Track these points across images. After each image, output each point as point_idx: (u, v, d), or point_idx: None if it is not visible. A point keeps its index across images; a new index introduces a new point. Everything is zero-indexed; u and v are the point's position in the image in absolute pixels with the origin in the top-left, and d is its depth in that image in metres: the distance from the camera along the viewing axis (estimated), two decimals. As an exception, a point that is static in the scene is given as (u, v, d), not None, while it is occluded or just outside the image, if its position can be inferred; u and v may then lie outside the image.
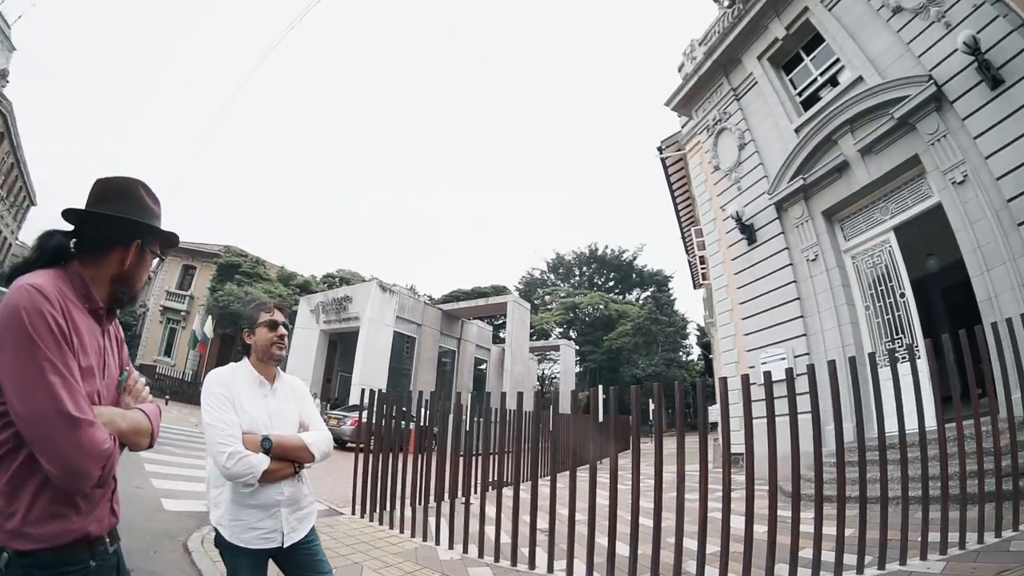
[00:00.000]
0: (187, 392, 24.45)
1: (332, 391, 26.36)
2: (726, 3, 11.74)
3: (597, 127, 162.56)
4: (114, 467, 1.41)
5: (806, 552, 3.78)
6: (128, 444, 1.49)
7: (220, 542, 2.19)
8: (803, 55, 10.54)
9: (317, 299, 25.31)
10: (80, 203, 1.53)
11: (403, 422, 6.87)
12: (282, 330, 2.43)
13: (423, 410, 6.87)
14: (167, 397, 22.79)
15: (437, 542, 5.34)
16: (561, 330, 50.91)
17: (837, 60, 9.66)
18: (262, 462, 2.11)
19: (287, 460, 2.22)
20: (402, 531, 5.73)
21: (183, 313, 32.12)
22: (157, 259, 1.72)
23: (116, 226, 1.52)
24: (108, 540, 1.48)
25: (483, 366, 33.28)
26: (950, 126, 7.51)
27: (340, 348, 26.84)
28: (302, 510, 2.32)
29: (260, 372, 2.37)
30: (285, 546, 2.22)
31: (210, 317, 25.49)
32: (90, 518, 1.40)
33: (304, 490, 2.36)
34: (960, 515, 4.07)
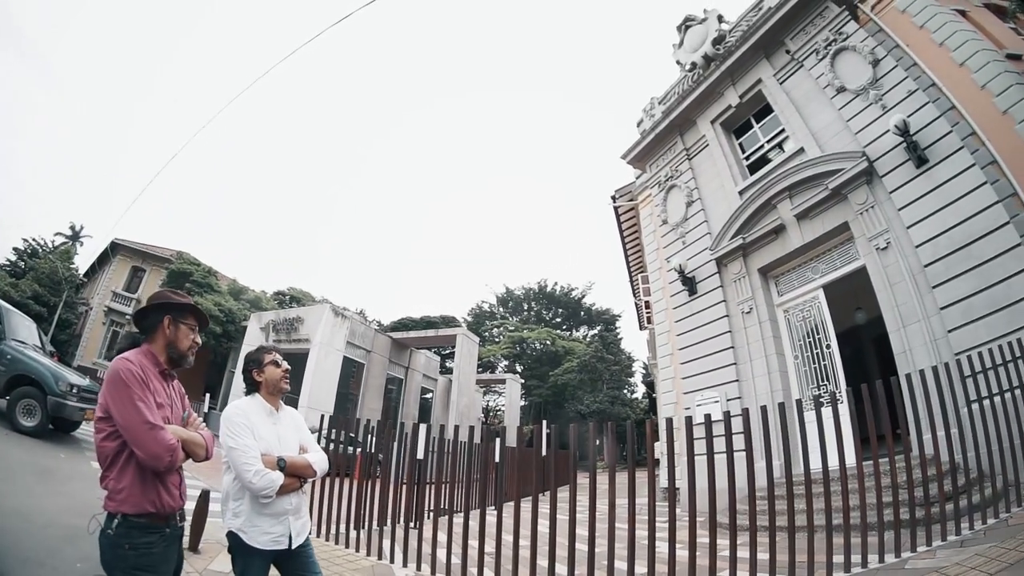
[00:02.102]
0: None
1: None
2: (688, 67, 12.51)
3: (550, 165, 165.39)
4: (178, 459, 2.23)
5: (724, 573, 4.29)
6: (190, 453, 2.32)
7: (237, 546, 2.58)
8: (753, 122, 11.41)
9: (268, 317, 25.03)
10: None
11: (357, 448, 7.17)
12: (286, 365, 2.99)
13: (371, 437, 7.16)
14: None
15: (392, 560, 5.64)
16: (507, 363, 51.13)
17: (783, 130, 10.51)
18: (279, 478, 2.59)
19: (295, 476, 2.69)
20: (357, 550, 5.99)
21: (128, 317, 29.90)
22: (196, 328, 2.57)
23: (151, 314, 2.44)
24: (178, 517, 2.34)
25: (429, 395, 33.34)
26: (878, 198, 8.36)
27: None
28: (302, 518, 2.78)
29: (269, 403, 2.87)
30: (293, 547, 2.66)
31: None
32: (168, 497, 2.24)
33: (304, 501, 2.85)
34: (862, 539, 4.62)
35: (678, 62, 12.91)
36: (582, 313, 59.75)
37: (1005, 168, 7.41)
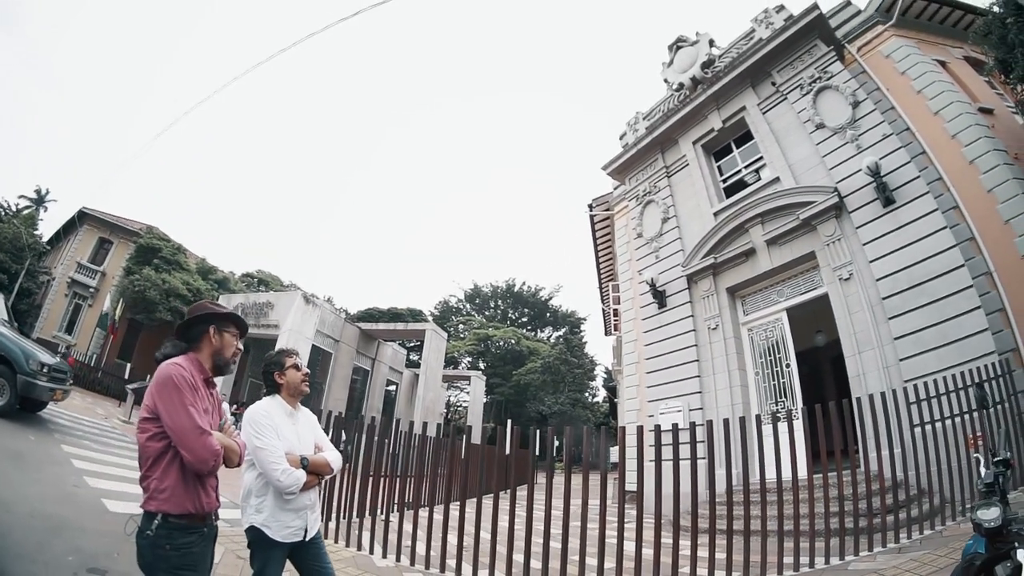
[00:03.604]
0: (88, 378, 21.73)
1: (241, 395, 25.45)
2: (675, 87, 12.96)
3: (524, 168, 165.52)
4: (220, 464, 2.31)
5: (685, 569, 4.69)
6: (225, 459, 2.38)
7: (259, 540, 2.73)
8: (733, 147, 11.89)
9: (238, 300, 24.67)
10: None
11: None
12: (306, 369, 3.18)
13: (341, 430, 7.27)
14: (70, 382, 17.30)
15: (371, 551, 5.87)
16: (471, 359, 51.25)
17: (761, 158, 11.03)
18: (304, 476, 2.78)
19: (315, 474, 2.90)
20: (336, 541, 6.17)
21: (92, 290, 29.05)
22: (238, 336, 2.67)
23: (197, 324, 2.53)
24: (213, 516, 2.41)
25: (393, 388, 33.26)
26: (845, 232, 8.91)
27: (253, 353, 25.92)
28: (315, 511, 3.01)
29: (289, 404, 3.05)
30: (307, 539, 2.86)
31: (121, 300, 24.20)
32: (207, 498, 2.33)
33: (318, 497, 3.11)
34: (810, 543, 5.09)
35: (666, 80, 13.36)
36: (548, 314, 60.11)
37: (966, 214, 8.05)
